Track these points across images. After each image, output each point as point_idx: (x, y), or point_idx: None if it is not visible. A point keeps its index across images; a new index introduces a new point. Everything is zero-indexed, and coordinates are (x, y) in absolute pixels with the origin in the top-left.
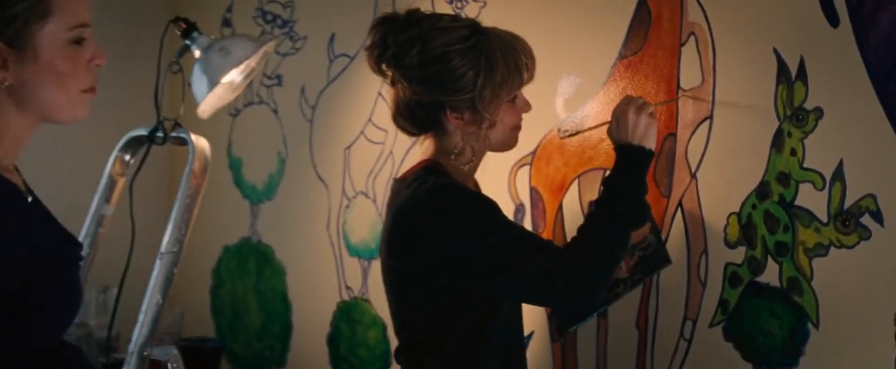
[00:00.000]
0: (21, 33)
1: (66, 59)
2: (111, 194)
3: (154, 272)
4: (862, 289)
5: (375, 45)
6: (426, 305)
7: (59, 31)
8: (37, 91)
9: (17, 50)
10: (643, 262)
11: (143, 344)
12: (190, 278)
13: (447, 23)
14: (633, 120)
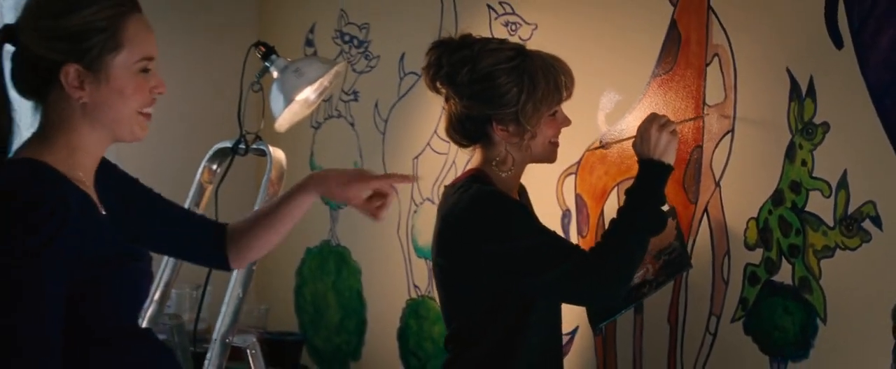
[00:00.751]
0: (97, 61)
1: (131, 84)
2: (200, 199)
3: (235, 269)
4: (863, 288)
5: (431, 64)
6: (469, 300)
7: (128, 61)
8: (105, 109)
9: (93, 73)
10: (668, 266)
11: (225, 332)
12: (276, 277)
13: (495, 45)
14: (655, 136)
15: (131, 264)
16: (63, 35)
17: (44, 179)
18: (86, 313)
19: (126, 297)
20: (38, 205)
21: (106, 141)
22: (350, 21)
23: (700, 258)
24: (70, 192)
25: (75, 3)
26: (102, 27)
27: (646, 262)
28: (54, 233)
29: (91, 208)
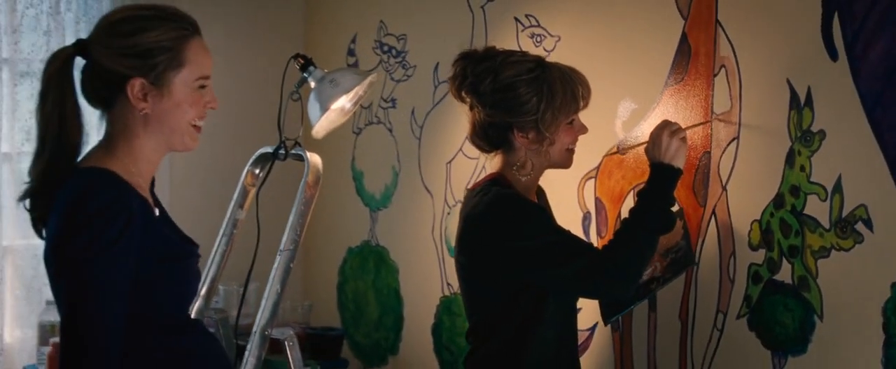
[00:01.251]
0: (161, 77)
1: (189, 99)
2: (244, 201)
3: (274, 266)
4: (856, 286)
5: (457, 75)
6: (488, 296)
7: (188, 79)
8: (164, 119)
9: (157, 88)
10: (674, 264)
11: (264, 325)
12: (319, 275)
13: (517, 57)
14: (666, 142)
15: (183, 261)
16: (132, 52)
17: (111, 187)
18: (144, 303)
19: (178, 290)
20: (107, 210)
21: (162, 150)
22: (389, 32)
23: (708, 258)
24: (132, 198)
25: (145, 25)
26: (168, 47)
27: (654, 260)
28: (120, 234)
29: (148, 211)
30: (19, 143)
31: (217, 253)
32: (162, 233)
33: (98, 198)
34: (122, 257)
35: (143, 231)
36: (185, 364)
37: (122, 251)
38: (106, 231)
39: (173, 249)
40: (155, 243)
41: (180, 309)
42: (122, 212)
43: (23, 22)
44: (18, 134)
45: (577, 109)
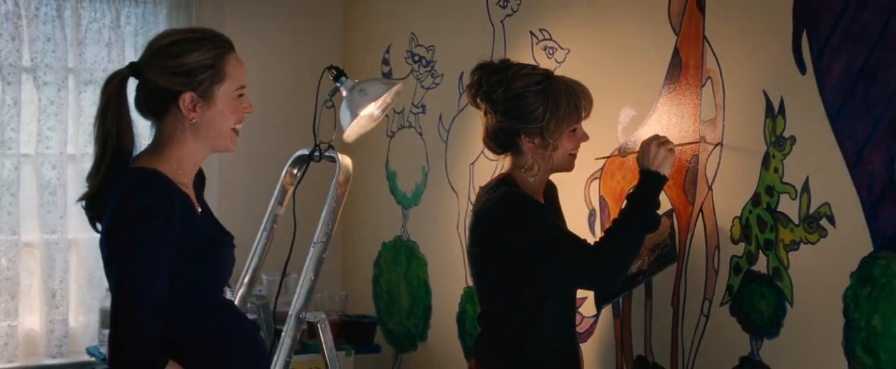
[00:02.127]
0: (207, 90)
1: (230, 107)
2: (283, 198)
3: (308, 256)
4: (821, 276)
5: (473, 84)
6: (496, 284)
7: (230, 90)
8: (210, 126)
9: (204, 99)
10: (659, 259)
11: (299, 309)
12: (356, 268)
13: (527, 70)
14: (654, 151)
15: (218, 250)
16: (181, 71)
17: (157, 185)
18: (183, 285)
19: (212, 274)
20: (151, 207)
21: (206, 151)
22: (419, 43)
23: (697, 251)
24: (175, 194)
25: (189, 46)
26: (210, 64)
27: (643, 255)
28: (162, 225)
29: (190, 206)
30: (83, 145)
31: (259, 245)
32: (200, 225)
33: (144, 196)
34: (162, 247)
35: (182, 224)
36: (218, 339)
37: (162, 242)
38: (149, 225)
39: (209, 240)
40: (193, 234)
41: (214, 291)
42: (164, 208)
43: (87, 35)
44: (82, 137)
45: (578, 119)
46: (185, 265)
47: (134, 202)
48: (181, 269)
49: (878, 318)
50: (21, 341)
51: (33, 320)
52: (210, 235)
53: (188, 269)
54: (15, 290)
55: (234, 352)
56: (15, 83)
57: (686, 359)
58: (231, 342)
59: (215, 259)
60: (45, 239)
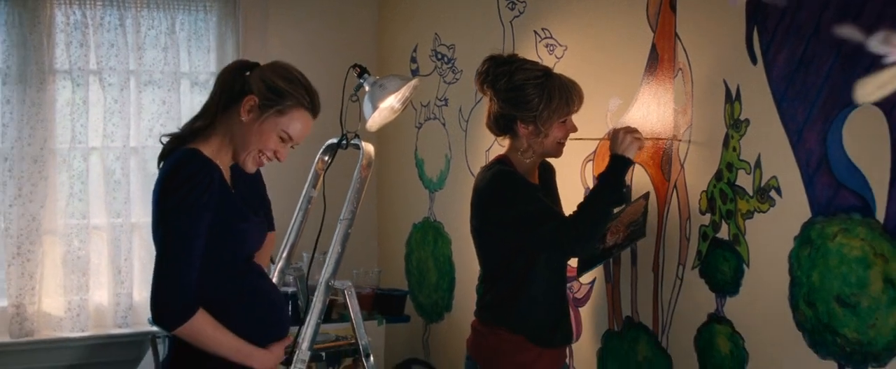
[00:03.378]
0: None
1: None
2: (317, 182)
3: (336, 231)
4: (770, 240)
5: (482, 72)
6: (492, 249)
7: (277, 127)
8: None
9: (258, 111)
10: (631, 234)
11: (328, 277)
12: (390, 247)
13: (529, 66)
14: (621, 138)
15: (241, 224)
16: (268, 84)
17: (200, 162)
18: (216, 248)
19: (240, 241)
20: (194, 177)
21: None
22: (441, 42)
23: (672, 222)
24: (214, 171)
25: (291, 78)
26: (281, 96)
27: (619, 230)
28: (202, 193)
29: (225, 185)
30: (144, 139)
31: (295, 223)
32: (232, 201)
33: (189, 169)
34: (202, 212)
35: (219, 197)
36: (243, 295)
37: (200, 209)
38: (192, 192)
39: (238, 214)
40: (225, 206)
41: (241, 255)
42: (203, 180)
43: (145, 40)
44: (143, 131)
45: (568, 113)
46: (217, 232)
47: (181, 173)
48: (213, 236)
49: (816, 275)
50: (91, 313)
51: (102, 295)
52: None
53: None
54: (86, 268)
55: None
56: (83, 85)
57: (665, 318)
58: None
59: (241, 229)
60: (111, 222)
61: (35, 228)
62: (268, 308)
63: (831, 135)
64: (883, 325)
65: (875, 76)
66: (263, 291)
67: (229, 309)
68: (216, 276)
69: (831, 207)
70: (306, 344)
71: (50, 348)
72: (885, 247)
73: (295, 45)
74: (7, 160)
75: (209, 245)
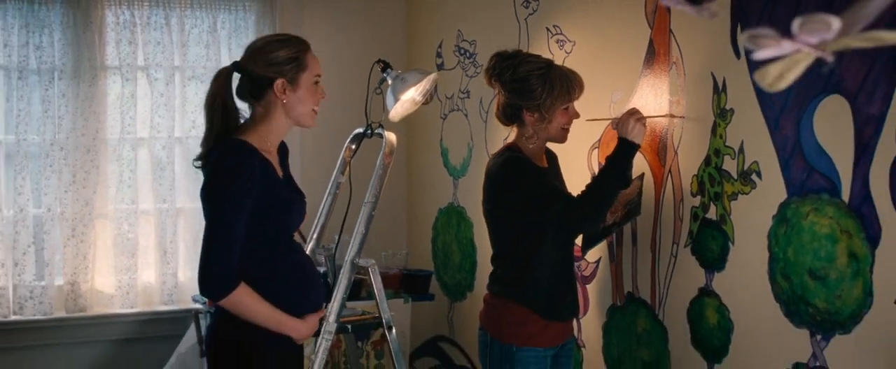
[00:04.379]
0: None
1: (310, 91)
2: (345, 169)
3: (360, 213)
4: (752, 219)
5: (490, 67)
6: (502, 230)
7: (309, 78)
8: (296, 106)
9: (292, 85)
10: (628, 213)
11: (353, 256)
12: (418, 230)
13: (532, 59)
14: (629, 123)
15: (289, 205)
16: (275, 62)
17: (244, 152)
18: (262, 227)
19: (284, 221)
20: (236, 168)
21: (288, 127)
22: (464, 38)
23: (667, 204)
24: (256, 160)
25: (279, 46)
26: (295, 57)
27: (617, 210)
28: (245, 181)
29: (270, 170)
30: (188, 130)
31: (324, 206)
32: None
33: (232, 160)
34: (243, 199)
35: (263, 182)
36: (284, 270)
37: (242, 196)
38: (236, 180)
39: (284, 197)
40: (272, 190)
41: (284, 234)
42: (245, 170)
43: (189, 38)
44: (187, 123)
45: (569, 100)
46: (264, 213)
47: (225, 163)
48: (261, 216)
49: (791, 250)
50: (140, 291)
51: (149, 274)
52: (285, 194)
53: (266, 216)
54: (134, 250)
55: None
56: (132, 79)
57: (661, 293)
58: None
59: (286, 210)
60: (157, 207)
61: (88, 212)
62: (305, 282)
63: (804, 122)
64: (848, 296)
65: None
66: (302, 267)
67: (271, 283)
68: (261, 253)
69: (804, 189)
70: (333, 317)
71: (101, 323)
72: (849, 224)
73: (329, 42)
74: (63, 149)
75: (256, 224)
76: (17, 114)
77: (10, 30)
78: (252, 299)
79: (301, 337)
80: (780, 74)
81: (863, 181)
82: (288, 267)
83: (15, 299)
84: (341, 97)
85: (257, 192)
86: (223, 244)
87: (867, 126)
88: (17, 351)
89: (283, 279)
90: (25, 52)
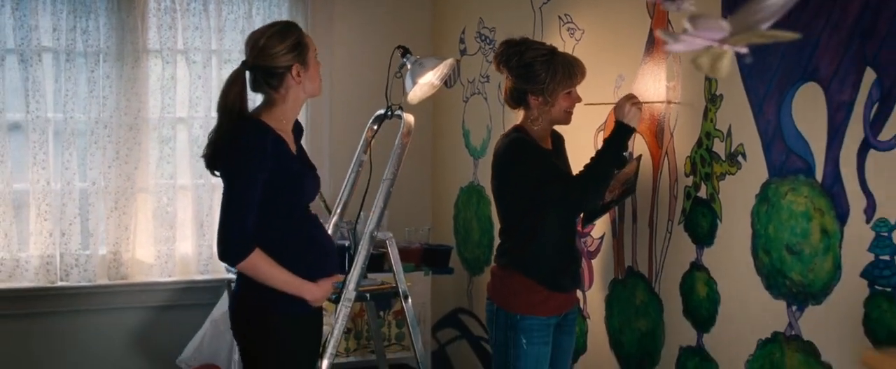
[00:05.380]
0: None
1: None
2: (367, 148)
3: (379, 190)
4: (737, 198)
5: (498, 54)
6: (509, 206)
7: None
8: (309, 83)
9: (303, 66)
10: (625, 191)
11: (372, 229)
12: (441, 208)
13: (537, 46)
14: (625, 107)
15: (302, 177)
16: (288, 51)
17: (259, 131)
18: (275, 198)
19: (298, 193)
20: (253, 144)
21: (302, 104)
22: (485, 26)
23: (664, 184)
24: (270, 138)
25: (282, 35)
26: (299, 41)
27: (615, 188)
28: (255, 159)
29: (284, 146)
30: None
31: (348, 183)
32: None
33: (249, 138)
34: (255, 174)
35: (276, 157)
36: (299, 238)
37: (255, 171)
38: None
39: (296, 170)
40: (285, 165)
41: (298, 205)
42: (259, 146)
43: (226, 23)
44: None
45: (571, 85)
46: (279, 185)
47: (241, 140)
48: (276, 188)
49: (771, 227)
50: (177, 261)
51: (186, 245)
52: (296, 167)
53: (281, 188)
54: (173, 222)
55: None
56: (172, 62)
57: (657, 266)
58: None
59: (299, 183)
60: (194, 183)
61: (130, 187)
62: (319, 250)
63: (783, 107)
64: (820, 269)
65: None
66: (316, 236)
67: (287, 251)
68: (278, 223)
69: (783, 170)
70: (352, 286)
71: (141, 290)
72: (822, 203)
73: (358, 28)
74: (107, 127)
75: (272, 196)
76: (65, 95)
77: (59, 15)
78: (267, 264)
79: (316, 300)
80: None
81: (834, 163)
82: (302, 236)
83: (62, 267)
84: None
85: (271, 166)
86: (238, 213)
87: (839, 112)
88: (64, 315)
89: (298, 246)
90: (73, 36)
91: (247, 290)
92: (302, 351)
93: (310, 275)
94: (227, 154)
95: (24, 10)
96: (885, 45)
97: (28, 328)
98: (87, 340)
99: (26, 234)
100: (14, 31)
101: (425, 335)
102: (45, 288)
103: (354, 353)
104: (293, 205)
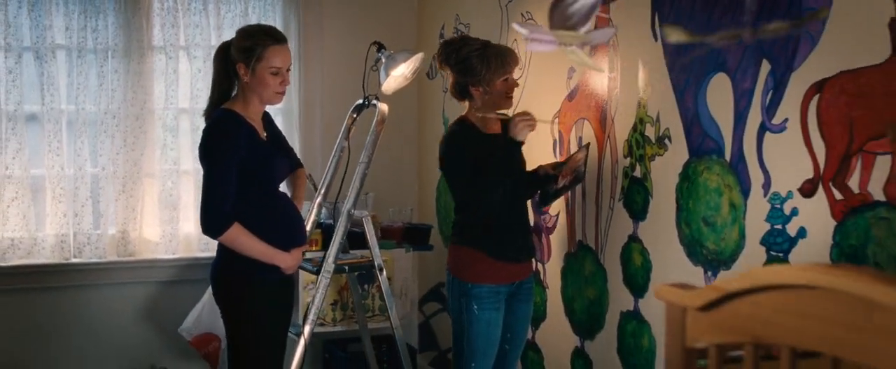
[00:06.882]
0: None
1: (268, 80)
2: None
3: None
4: (665, 175)
5: (438, 53)
6: (453, 188)
7: (265, 68)
8: (255, 88)
9: (250, 71)
10: (574, 178)
11: (349, 207)
12: (425, 191)
13: (471, 41)
14: (515, 123)
15: (271, 160)
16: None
17: (231, 120)
18: (249, 178)
19: (269, 173)
20: (227, 131)
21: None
22: (461, 22)
23: (607, 165)
24: (242, 125)
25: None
26: (252, 48)
27: (567, 174)
28: (232, 144)
29: (254, 134)
30: None
31: (331, 167)
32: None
33: (223, 125)
34: (231, 157)
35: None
36: (272, 214)
37: (231, 154)
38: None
39: (265, 154)
40: (256, 150)
41: (270, 184)
42: (231, 133)
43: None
44: None
45: (506, 72)
46: (251, 167)
47: (216, 128)
48: (248, 169)
49: (691, 202)
50: (181, 240)
51: (188, 226)
52: (265, 150)
53: (253, 169)
54: (176, 204)
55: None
56: (174, 57)
57: (602, 240)
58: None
59: (269, 164)
60: (196, 167)
61: (136, 171)
62: (289, 223)
63: (700, 96)
64: (729, 238)
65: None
66: (287, 211)
67: (261, 223)
68: (252, 199)
69: (700, 151)
70: (331, 259)
71: (147, 266)
72: (730, 180)
73: (348, 26)
74: (115, 117)
75: (246, 175)
76: (77, 88)
77: (71, 14)
78: (245, 236)
79: (288, 267)
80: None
81: (739, 144)
82: (274, 211)
83: (75, 245)
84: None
85: (243, 150)
86: (217, 191)
87: (742, 98)
88: (76, 289)
89: (271, 220)
90: (84, 34)
91: (226, 261)
92: (275, 313)
93: (282, 244)
94: (205, 139)
95: (39, 10)
96: (777, 41)
97: (44, 300)
98: (99, 312)
99: (43, 215)
100: (30, 30)
101: (412, 308)
102: (60, 264)
103: (341, 323)
104: (265, 184)
